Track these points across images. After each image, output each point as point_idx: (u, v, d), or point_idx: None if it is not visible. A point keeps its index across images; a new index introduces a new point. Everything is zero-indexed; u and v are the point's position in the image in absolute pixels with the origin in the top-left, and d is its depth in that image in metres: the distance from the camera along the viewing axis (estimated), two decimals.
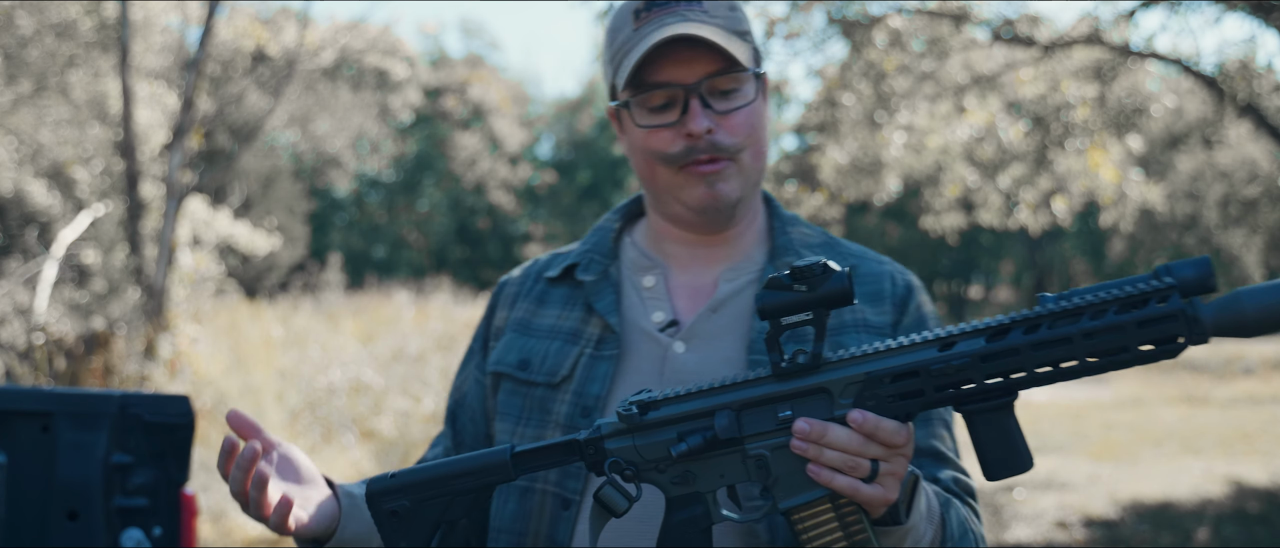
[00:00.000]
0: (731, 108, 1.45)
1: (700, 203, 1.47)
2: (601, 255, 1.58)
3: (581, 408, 1.46)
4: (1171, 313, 1.12)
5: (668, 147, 1.45)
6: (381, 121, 29.13)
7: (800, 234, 1.57)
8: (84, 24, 10.56)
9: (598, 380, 1.47)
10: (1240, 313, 1.11)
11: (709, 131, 1.42)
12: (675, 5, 1.44)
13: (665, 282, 1.54)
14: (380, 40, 17.64)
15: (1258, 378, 17.66)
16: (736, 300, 1.51)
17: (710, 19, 1.44)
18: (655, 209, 1.55)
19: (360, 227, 35.67)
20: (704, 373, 1.43)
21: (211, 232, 11.39)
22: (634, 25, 1.45)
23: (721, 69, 1.43)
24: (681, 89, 1.42)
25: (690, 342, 1.48)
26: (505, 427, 1.52)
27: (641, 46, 1.41)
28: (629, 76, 1.43)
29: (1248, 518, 7.48)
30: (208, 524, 6.85)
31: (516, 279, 1.65)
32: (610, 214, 1.65)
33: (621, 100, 1.47)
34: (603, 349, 1.49)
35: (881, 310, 1.51)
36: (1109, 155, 9.67)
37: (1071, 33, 8.89)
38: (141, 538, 2.22)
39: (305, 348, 11.13)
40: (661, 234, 1.57)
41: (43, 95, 10.71)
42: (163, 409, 2.26)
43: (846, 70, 9.54)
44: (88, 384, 8.25)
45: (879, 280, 1.53)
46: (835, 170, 10.51)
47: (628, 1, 1.50)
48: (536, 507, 1.46)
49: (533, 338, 1.55)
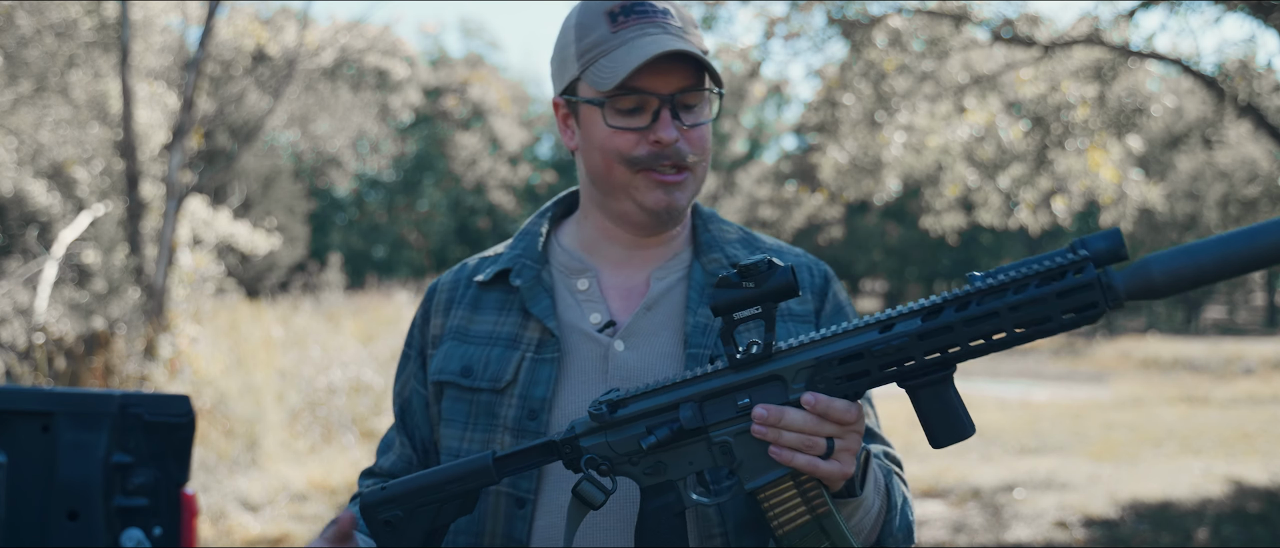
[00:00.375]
0: (696, 122, 1.52)
1: (656, 206, 1.53)
2: (532, 260, 1.62)
3: (528, 410, 1.52)
4: (1088, 283, 1.22)
5: (632, 149, 1.50)
6: (381, 121, 29.13)
7: (720, 231, 1.64)
8: (84, 24, 10.56)
9: (542, 383, 1.53)
10: (1149, 278, 1.21)
11: (675, 141, 1.49)
12: (655, 16, 1.50)
13: (598, 283, 1.60)
14: (380, 40, 17.63)
15: (1258, 378, 17.66)
16: (669, 297, 1.58)
17: (686, 35, 1.51)
18: (600, 206, 1.60)
19: (360, 227, 35.68)
20: (645, 369, 1.52)
21: (211, 232, 11.38)
22: (610, 28, 1.50)
23: (695, 85, 1.50)
24: (657, 98, 1.48)
25: (629, 340, 1.54)
26: (453, 432, 1.57)
27: (632, 54, 1.46)
28: (612, 81, 1.47)
29: (1248, 518, 7.48)
30: (208, 524, 6.85)
31: (448, 284, 1.68)
32: (536, 217, 1.69)
33: (594, 99, 1.51)
34: (543, 352, 1.55)
35: (803, 300, 1.59)
36: (1109, 155, 9.67)
37: (1071, 33, 8.89)
38: (142, 538, 2.22)
39: (305, 348, 11.13)
40: (598, 234, 1.62)
41: (43, 95, 10.71)
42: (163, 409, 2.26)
43: (846, 70, 9.55)
44: (88, 384, 8.25)
45: (798, 273, 1.61)
46: (835, 170, 10.51)
47: (595, 1, 1.54)
48: (491, 507, 1.52)
49: (471, 345, 1.59)
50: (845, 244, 36.27)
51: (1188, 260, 1.21)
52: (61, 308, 9.29)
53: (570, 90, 1.56)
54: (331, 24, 15.96)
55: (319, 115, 20.33)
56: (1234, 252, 1.20)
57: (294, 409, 9.35)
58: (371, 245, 35.12)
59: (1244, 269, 1.20)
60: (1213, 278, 1.21)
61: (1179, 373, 18.88)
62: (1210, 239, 1.22)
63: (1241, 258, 1.20)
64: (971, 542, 7.01)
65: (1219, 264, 1.20)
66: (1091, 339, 26.39)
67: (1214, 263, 1.20)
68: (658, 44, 1.46)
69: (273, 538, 6.78)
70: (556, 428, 1.50)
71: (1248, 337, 28.08)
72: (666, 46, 1.45)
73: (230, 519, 7.02)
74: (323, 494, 7.87)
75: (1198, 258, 1.21)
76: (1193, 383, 17.20)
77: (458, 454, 1.55)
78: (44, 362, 8.15)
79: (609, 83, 1.47)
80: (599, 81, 1.49)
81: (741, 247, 1.63)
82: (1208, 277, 1.21)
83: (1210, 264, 1.21)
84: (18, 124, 10.66)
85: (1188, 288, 1.21)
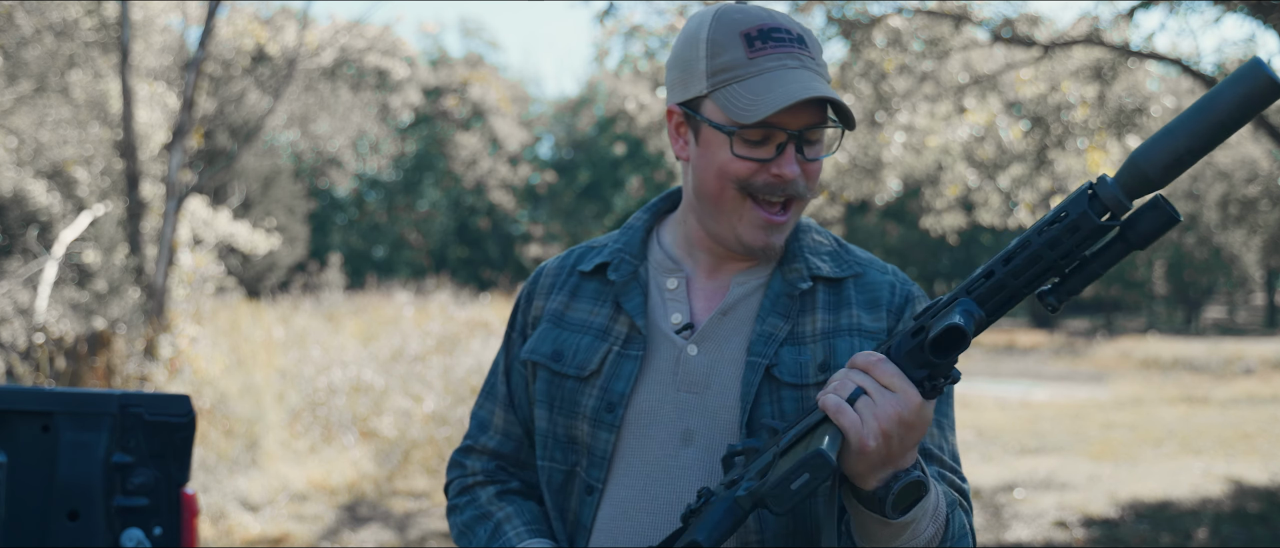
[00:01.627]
0: (816, 157, 1.53)
1: (754, 244, 1.54)
2: (631, 255, 1.65)
3: (607, 403, 1.56)
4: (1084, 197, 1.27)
5: (752, 177, 1.50)
6: (381, 121, 29.13)
7: (813, 241, 1.64)
8: (84, 24, 10.56)
9: (623, 379, 1.56)
10: (1141, 173, 1.25)
11: (796, 176, 1.50)
12: (791, 46, 1.49)
13: (686, 285, 1.62)
14: (380, 40, 17.65)
15: (1258, 378, 17.66)
16: (745, 303, 1.59)
17: (819, 68, 1.51)
18: (702, 221, 1.59)
19: (360, 227, 35.68)
20: (709, 373, 1.54)
21: (211, 232, 11.39)
22: (747, 52, 1.48)
23: (821, 122, 1.50)
24: (785, 133, 1.48)
25: (702, 344, 1.56)
26: (542, 413, 1.63)
27: (776, 92, 1.45)
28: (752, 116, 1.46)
29: (1248, 518, 7.48)
30: (208, 524, 6.85)
31: (552, 269, 1.72)
32: (641, 212, 1.72)
33: (724, 126, 1.49)
34: (629, 348, 1.58)
35: (877, 317, 1.58)
36: (1108, 155, 9.67)
37: (1071, 33, 8.89)
38: (142, 538, 2.22)
39: (306, 348, 11.13)
40: (695, 241, 1.63)
41: (43, 95, 10.71)
42: (163, 409, 2.26)
43: (846, 70, 9.54)
44: (89, 384, 8.25)
45: (878, 289, 1.60)
46: (835, 170, 10.51)
47: (728, 12, 1.52)
48: (572, 489, 1.60)
49: (566, 331, 1.64)
50: None
51: (1170, 142, 1.23)
52: (62, 308, 9.29)
53: (692, 104, 1.54)
54: (331, 24, 15.97)
55: (319, 115, 20.33)
56: (1213, 112, 1.21)
57: (294, 409, 9.35)
58: (371, 245, 35.12)
59: (1228, 128, 1.22)
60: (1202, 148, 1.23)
61: (1179, 373, 18.88)
62: (1185, 112, 1.24)
63: (1222, 116, 1.21)
64: None
65: (1203, 132, 1.22)
66: (1092, 339, 26.39)
67: (1197, 133, 1.22)
68: (800, 84, 1.46)
69: (273, 538, 6.78)
70: (629, 426, 1.55)
71: (1248, 337, 28.08)
72: (811, 91, 1.44)
73: (230, 519, 7.02)
74: (323, 494, 7.87)
75: (1177, 136, 1.23)
76: (1193, 383, 17.20)
77: (547, 435, 1.62)
78: (46, 362, 8.15)
79: (747, 116, 1.46)
80: (734, 110, 1.47)
81: (828, 259, 1.63)
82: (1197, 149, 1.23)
83: (1193, 137, 1.23)
84: (17, 124, 10.67)
85: (1183, 167, 1.24)
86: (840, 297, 1.58)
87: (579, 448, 1.58)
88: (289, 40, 12.62)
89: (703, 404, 1.53)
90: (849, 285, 1.60)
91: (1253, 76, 1.19)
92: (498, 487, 1.69)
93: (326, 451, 8.87)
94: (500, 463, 1.72)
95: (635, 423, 1.55)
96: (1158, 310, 35.39)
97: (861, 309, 1.58)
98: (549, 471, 1.62)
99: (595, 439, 1.56)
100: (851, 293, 1.59)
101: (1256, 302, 40.31)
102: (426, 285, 19.18)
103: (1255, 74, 1.18)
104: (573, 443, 1.58)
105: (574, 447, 1.58)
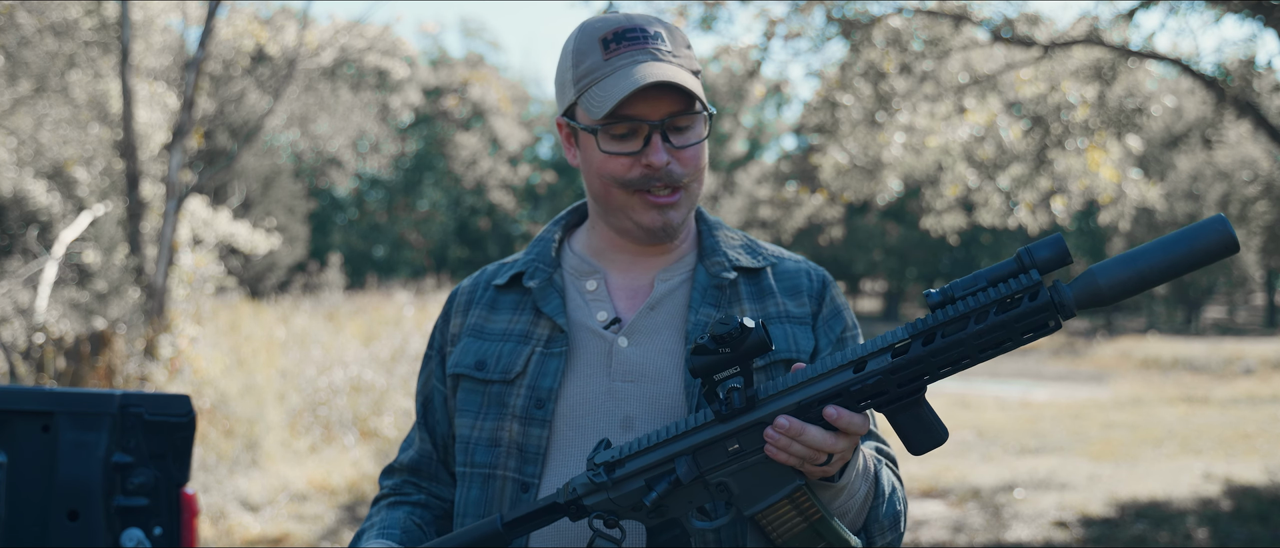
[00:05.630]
0: (686, 143, 1.59)
1: (652, 225, 1.62)
2: (545, 264, 1.72)
3: (536, 400, 1.61)
4: (1042, 306, 1.31)
5: (626, 172, 1.58)
6: (381, 121, 29.12)
7: (725, 237, 1.73)
8: (84, 24, 10.56)
9: (550, 375, 1.62)
10: (1096, 290, 1.31)
11: (666, 164, 1.56)
12: (644, 42, 1.57)
13: (605, 284, 1.69)
14: (380, 40, 17.63)
15: (1257, 378, 17.66)
16: (672, 298, 1.66)
17: (675, 59, 1.58)
18: (604, 221, 1.68)
19: (360, 227, 35.68)
20: (646, 364, 1.61)
21: (211, 232, 11.38)
22: (603, 55, 1.57)
23: (684, 110, 1.56)
24: (648, 124, 1.55)
25: (632, 337, 1.63)
26: (466, 421, 1.67)
27: (620, 84, 1.54)
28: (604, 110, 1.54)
29: (1248, 518, 7.48)
30: (208, 524, 6.85)
31: (467, 288, 1.78)
32: (551, 225, 1.79)
33: (589, 126, 1.58)
34: (552, 347, 1.64)
35: (801, 303, 1.68)
36: (1108, 155, 9.66)
37: (1071, 33, 8.88)
38: (142, 538, 2.22)
39: (306, 348, 11.13)
40: (604, 243, 1.71)
41: (43, 95, 10.70)
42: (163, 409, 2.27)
43: (846, 70, 9.54)
44: (89, 384, 8.25)
45: (797, 277, 1.71)
46: (835, 170, 10.50)
47: (591, 22, 1.61)
48: (498, 491, 1.62)
49: (487, 341, 1.69)
50: (845, 244, 36.26)
51: (1130, 268, 1.30)
52: (62, 308, 9.28)
53: (569, 113, 1.63)
54: (331, 24, 15.97)
55: (319, 115, 20.34)
56: (1173, 256, 1.29)
57: (294, 409, 9.35)
58: (371, 245, 35.12)
59: (1183, 271, 1.29)
60: (1156, 281, 1.30)
61: (1179, 373, 18.89)
62: (1151, 244, 1.30)
63: (1180, 260, 1.29)
64: (971, 542, 7.01)
65: (1160, 269, 1.30)
66: (1091, 339, 26.39)
67: (1155, 268, 1.30)
68: (645, 74, 1.52)
69: (273, 538, 6.78)
70: (562, 418, 1.59)
71: (1247, 337, 28.07)
72: (653, 77, 1.51)
73: (230, 519, 7.02)
74: (323, 494, 7.87)
75: (1139, 265, 1.30)
76: (1192, 383, 17.20)
77: (470, 442, 1.65)
78: (50, 361, 8.15)
79: (601, 111, 1.54)
80: (593, 109, 1.56)
81: (744, 252, 1.71)
82: (1151, 281, 1.30)
83: (1150, 270, 1.30)
84: (18, 124, 10.66)
85: (1133, 293, 1.30)
86: (761, 287, 1.67)
87: (504, 449, 1.61)
88: (289, 40, 12.62)
89: (641, 392, 1.59)
90: (767, 275, 1.69)
91: (1216, 232, 1.28)
92: (394, 498, 1.76)
93: (327, 451, 8.88)
94: (408, 478, 1.78)
95: (568, 416, 1.60)
96: (1157, 310, 35.38)
97: (785, 296, 1.68)
98: (469, 476, 1.65)
99: (527, 437, 1.60)
100: (771, 282, 1.68)
101: (1256, 302, 40.31)
102: (426, 285, 19.18)
103: (1219, 230, 1.28)
104: (496, 445, 1.62)
105: (497, 448, 1.62)
